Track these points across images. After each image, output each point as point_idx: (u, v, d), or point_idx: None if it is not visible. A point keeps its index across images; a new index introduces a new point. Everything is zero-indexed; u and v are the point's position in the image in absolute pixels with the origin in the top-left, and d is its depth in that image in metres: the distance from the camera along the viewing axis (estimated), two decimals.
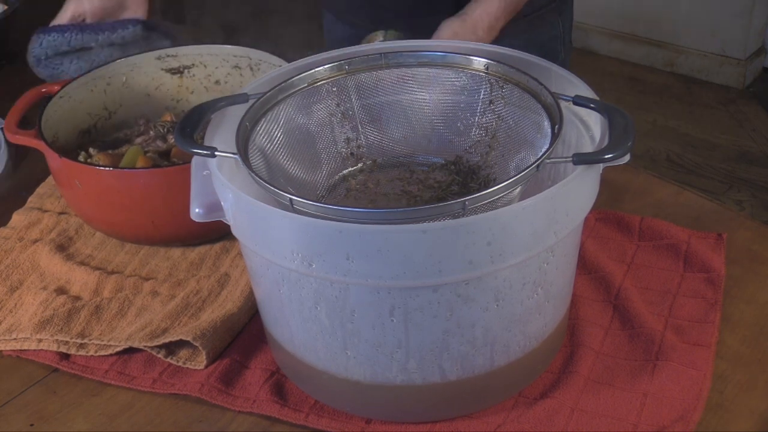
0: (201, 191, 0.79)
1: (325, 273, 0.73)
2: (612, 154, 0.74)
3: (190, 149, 0.79)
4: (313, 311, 0.77)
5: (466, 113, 0.90)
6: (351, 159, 0.93)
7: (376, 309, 0.75)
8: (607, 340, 0.89)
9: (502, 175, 0.88)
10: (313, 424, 0.82)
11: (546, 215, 0.73)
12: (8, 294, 0.99)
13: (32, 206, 1.13)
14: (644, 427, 0.80)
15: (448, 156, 0.92)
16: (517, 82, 0.86)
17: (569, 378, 0.84)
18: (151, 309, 0.95)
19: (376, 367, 0.78)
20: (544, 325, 0.82)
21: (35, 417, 0.86)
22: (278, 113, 0.87)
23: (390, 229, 0.70)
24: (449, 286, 0.73)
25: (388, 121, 0.93)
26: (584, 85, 0.85)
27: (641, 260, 0.99)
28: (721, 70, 3.03)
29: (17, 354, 0.92)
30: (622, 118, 0.77)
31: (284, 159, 0.87)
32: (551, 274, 0.79)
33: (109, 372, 0.89)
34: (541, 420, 0.81)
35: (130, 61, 1.18)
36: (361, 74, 0.91)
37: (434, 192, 0.90)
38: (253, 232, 0.76)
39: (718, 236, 1.01)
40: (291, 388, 0.86)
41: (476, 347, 0.78)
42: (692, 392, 0.82)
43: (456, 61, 0.89)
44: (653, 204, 1.08)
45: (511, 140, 0.88)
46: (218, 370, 0.88)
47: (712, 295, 0.93)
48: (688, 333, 0.89)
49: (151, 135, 1.11)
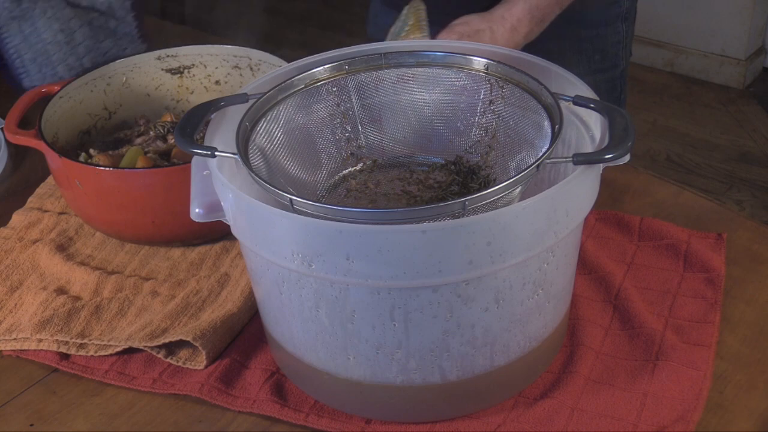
0: (201, 191, 0.79)
1: (325, 273, 0.73)
2: (612, 154, 0.74)
3: (190, 149, 0.79)
4: (313, 311, 0.77)
5: (466, 113, 0.90)
6: (351, 159, 0.93)
7: (376, 309, 0.75)
8: (607, 340, 0.89)
9: (502, 175, 0.88)
10: (313, 424, 0.82)
11: (546, 215, 0.73)
12: (8, 294, 0.99)
13: (32, 206, 1.13)
14: (644, 427, 0.80)
15: (448, 156, 0.92)
16: (518, 82, 0.86)
17: (569, 378, 0.84)
18: (151, 309, 0.95)
19: (376, 367, 0.78)
20: (544, 325, 0.82)
21: (35, 417, 0.86)
22: (278, 113, 0.87)
23: (390, 229, 0.70)
24: (449, 286, 0.73)
25: (388, 121, 0.93)
26: (584, 85, 0.85)
27: (641, 260, 0.99)
28: (721, 70, 3.03)
29: (17, 354, 0.92)
30: (622, 118, 0.77)
31: (284, 159, 0.87)
32: (551, 274, 0.79)
33: (109, 372, 0.89)
34: (541, 420, 0.81)
35: (130, 61, 1.18)
36: (361, 74, 0.91)
37: (434, 192, 0.90)
38: (253, 232, 0.76)
39: (718, 236, 1.01)
40: (291, 388, 0.86)
41: (476, 347, 0.78)
42: (692, 392, 0.82)
43: (456, 61, 0.89)
44: (653, 204, 1.08)
45: (511, 140, 0.88)
46: (218, 370, 0.88)
47: (712, 295, 0.93)
48: (688, 333, 0.89)
49: (151, 135, 1.11)
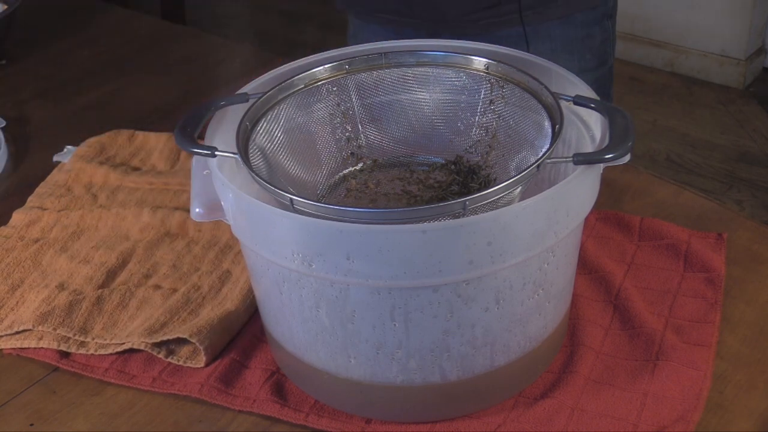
0: (201, 191, 0.79)
1: (325, 273, 0.73)
2: (612, 154, 0.74)
3: (190, 149, 0.79)
4: (313, 311, 0.77)
5: (466, 113, 0.90)
6: (351, 159, 0.93)
7: (376, 309, 0.75)
8: (607, 340, 0.89)
9: (503, 175, 0.88)
10: (313, 424, 0.82)
11: (546, 215, 0.73)
12: (10, 293, 0.99)
13: (32, 205, 1.13)
14: (644, 427, 0.80)
15: (448, 156, 0.92)
16: (518, 82, 0.86)
17: (569, 378, 0.84)
18: (152, 302, 0.95)
19: (376, 367, 0.78)
20: (544, 325, 0.82)
21: (35, 417, 0.86)
22: (278, 113, 0.87)
23: (390, 229, 0.70)
24: (449, 286, 0.73)
25: (389, 121, 0.93)
26: (584, 85, 0.85)
27: (641, 260, 0.99)
28: (721, 70, 3.03)
29: (17, 353, 0.92)
30: (623, 118, 0.77)
31: (284, 159, 0.87)
32: (551, 274, 0.79)
33: (109, 370, 0.89)
34: (541, 420, 0.81)
35: None
36: (361, 74, 0.91)
37: (434, 192, 0.90)
38: (253, 232, 0.76)
39: (718, 236, 1.01)
40: (291, 388, 0.86)
41: (476, 347, 0.78)
42: (692, 392, 0.82)
43: (456, 61, 0.89)
44: (653, 204, 1.08)
45: (511, 140, 0.88)
46: (218, 370, 0.88)
47: (712, 295, 0.93)
48: (688, 333, 0.89)
49: None
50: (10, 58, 1.53)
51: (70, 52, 1.57)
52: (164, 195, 1.13)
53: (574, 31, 1.26)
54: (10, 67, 1.51)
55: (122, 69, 1.52)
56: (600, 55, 1.30)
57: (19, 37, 1.57)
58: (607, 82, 1.35)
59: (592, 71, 1.29)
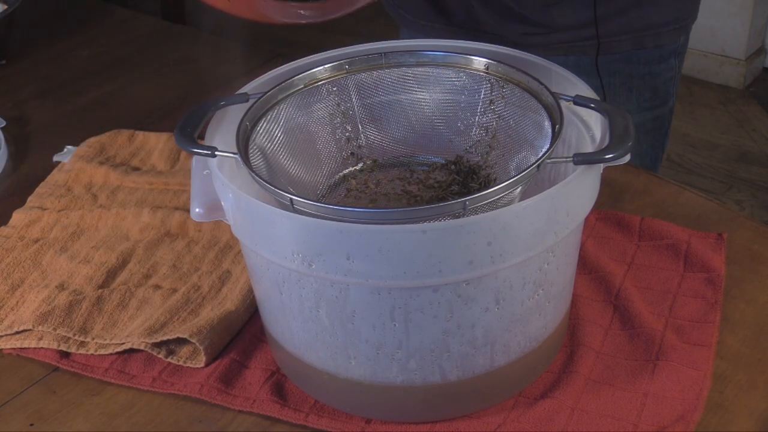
0: (201, 191, 0.79)
1: (325, 273, 0.73)
2: (612, 154, 0.74)
3: (190, 149, 0.79)
4: (313, 311, 0.77)
5: (466, 113, 0.90)
6: (351, 159, 0.93)
7: (376, 309, 0.75)
8: (607, 340, 0.89)
9: (503, 175, 0.88)
10: (313, 424, 0.82)
11: (546, 215, 0.73)
12: (10, 292, 0.99)
13: (32, 205, 1.13)
14: (644, 427, 0.80)
15: (448, 156, 0.92)
16: (518, 82, 0.86)
17: (569, 378, 0.84)
18: (152, 302, 0.95)
19: (376, 367, 0.78)
20: (544, 325, 0.82)
21: (35, 417, 0.86)
22: (278, 113, 0.87)
23: (390, 229, 0.70)
24: (449, 286, 0.73)
25: (389, 121, 0.93)
26: (584, 85, 0.85)
27: (641, 260, 0.99)
28: (721, 70, 3.03)
29: (17, 353, 0.92)
30: (623, 118, 0.77)
31: (284, 159, 0.87)
32: (551, 274, 0.79)
33: (109, 370, 0.89)
34: (541, 420, 0.81)
35: None
36: (361, 74, 0.91)
37: (434, 192, 0.90)
38: (253, 232, 0.76)
39: (718, 236, 1.01)
40: (291, 388, 0.86)
41: (476, 347, 0.78)
42: (692, 392, 0.82)
43: (456, 61, 0.89)
44: (653, 204, 1.08)
45: (511, 140, 0.88)
46: (218, 370, 0.88)
47: (712, 295, 0.93)
48: (688, 333, 0.89)
49: None
50: (10, 58, 1.53)
51: (70, 52, 1.57)
52: (164, 195, 1.13)
53: (637, 68, 1.20)
54: (10, 67, 1.51)
55: (122, 69, 1.51)
56: (662, 95, 1.24)
57: (19, 37, 1.57)
58: (667, 121, 1.28)
59: (650, 111, 1.23)
